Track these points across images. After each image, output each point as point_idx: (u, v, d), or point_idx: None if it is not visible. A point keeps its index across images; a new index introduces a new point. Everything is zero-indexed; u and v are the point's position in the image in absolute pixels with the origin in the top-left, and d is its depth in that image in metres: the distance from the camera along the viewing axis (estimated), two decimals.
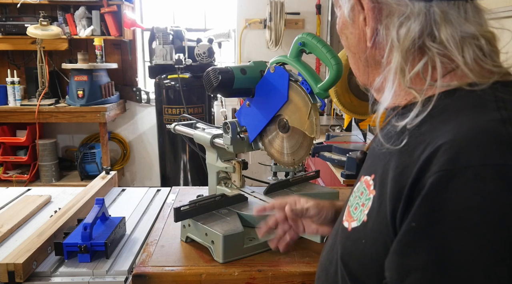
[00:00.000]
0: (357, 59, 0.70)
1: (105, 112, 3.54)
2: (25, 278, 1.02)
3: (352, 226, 0.63)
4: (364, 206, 0.61)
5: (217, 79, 1.12)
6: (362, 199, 0.62)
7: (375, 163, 0.64)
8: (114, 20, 3.70)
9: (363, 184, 0.64)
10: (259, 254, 1.10)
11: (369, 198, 0.60)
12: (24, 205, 1.46)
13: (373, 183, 0.61)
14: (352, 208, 0.65)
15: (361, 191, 0.64)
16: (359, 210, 0.62)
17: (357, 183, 0.68)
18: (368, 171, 0.66)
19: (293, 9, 3.89)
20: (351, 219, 0.64)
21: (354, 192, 0.67)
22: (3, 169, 3.72)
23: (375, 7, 0.62)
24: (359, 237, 0.60)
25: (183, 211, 1.11)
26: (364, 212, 0.60)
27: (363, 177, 0.65)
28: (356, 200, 0.65)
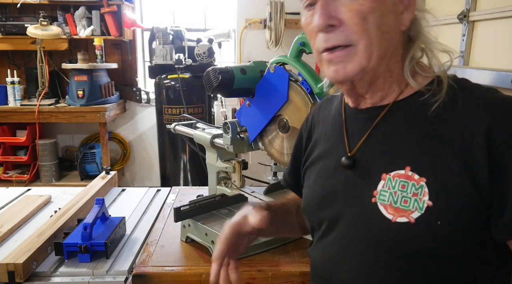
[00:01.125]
0: (386, 39, 0.68)
1: (105, 112, 3.54)
2: (25, 278, 1.02)
3: (414, 217, 0.64)
4: (418, 195, 0.65)
5: (217, 79, 1.12)
6: (409, 190, 0.66)
7: (397, 157, 0.68)
8: (114, 20, 3.69)
9: (398, 179, 0.67)
10: (259, 254, 1.10)
11: (421, 185, 0.65)
12: (24, 205, 1.46)
13: (415, 172, 0.66)
14: (398, 204, 0.66)
15: (400, 185, 0.67)
16: (412, 200, 0.65)
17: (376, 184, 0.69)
18: (391, 167, 0.68)
19: (293, 9, 3.89)
20: (406, 212, 0.65)
21: (382, 191, 0.68)
22: (3, 169, 3.72)
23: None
24: (429, 221, 0.63)
25: (183, 211, 1.11)
26: (423, 199, 0.64)
27: (389, 174, 0.68)
28: (398, 195, 0.67)
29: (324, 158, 0.83)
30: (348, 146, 0.76)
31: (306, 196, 0.86)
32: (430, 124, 0.67)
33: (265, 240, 1.12)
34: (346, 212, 0.74)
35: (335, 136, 0.81)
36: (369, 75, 0.70)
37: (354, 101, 0.78)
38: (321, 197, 0.80)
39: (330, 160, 0.80)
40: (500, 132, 0.61)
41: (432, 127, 0.67)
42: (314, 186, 0.83)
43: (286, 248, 1.14)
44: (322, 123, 0.88)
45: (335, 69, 0.69)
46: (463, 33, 1.71)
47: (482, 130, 0.61)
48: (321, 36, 0.69)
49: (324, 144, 0.84)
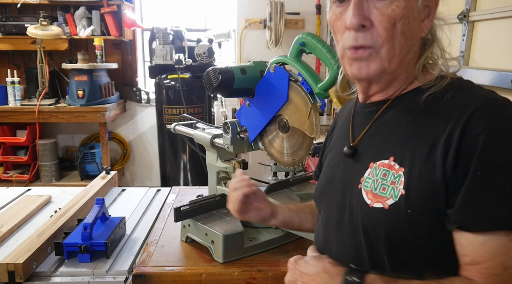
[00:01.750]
0: (408, 45, 0.71)
1: (105, 112, 3.54)
2: (25, 278, 1.02)
3: (388, 204, 0.69)
4: (395, 184, 0.69)
5: (217, 79, 1.12)
6: (388, 179, 0.70)
7: (384, 148, 0.73)
8: (114, 20, 3.70)
9: (382, 168, 0.72)
10: (259, 254, 1.10)
11: (399, 175, 0.69)
12: (24, 205, 1.46)
13: (395, 163, 0.70)
14: (377, 190, 0.71)
15: (382, 174, 0.71)
16: (390, 188, 0.69)
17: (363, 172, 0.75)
18: (378, 156, 0.73)
19: (293, 9, 3.89)
20: (382, 199, 0.70)
21: (367, 178, 0.74)
22: (3, 169, 3.72)
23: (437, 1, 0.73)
24: (400, 209, 0.67)
25: (183, 211, 1.11)
26: (399, 188, 0.68)
27: (375, 163, 0.73)
28: (378, 182, 0.71)
29: (333, 149, 0.89)
30: (352, 137, 0.81)
31: (316, 185, 0.93)
32: (419, 117, 0.71)
33: (265, 240, 1.12)
34: (338, 198, 0.79)
35: (344, 129, 0.87)
36: (388, 76, 0.74)
37: (364, 98, 0.82)
38: (324, 185, 0.86)
39: (336, 151, 0.86)
40: (474, 128, 0.63)
41: (420, 120, 0.70)
42: (322, 175, 0.90)
43: (286, 248, 1.14)
44: (339, 120, 0.94)
45: (359, 67, 0.73)
46: (463, 33, 1.71)
47: (460, 124, 0.64)
48: (350, 34, 0.71)
49: (336, 137, 0.91)
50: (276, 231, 1.15)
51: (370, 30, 0.70)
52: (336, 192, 0.81)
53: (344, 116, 0.92)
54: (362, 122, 0.81)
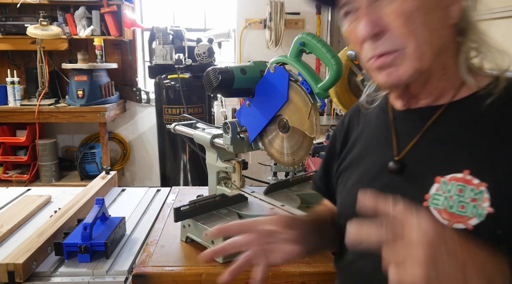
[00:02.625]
0: (437, 36, 0.64)
1: (105, 112, 3.54)
2: (25, 278, 1.02)
3: (472, 224, 0.60)
4: (477, 201, 0.60)
5: (217, 79, 1.12)
6: (467, 195, 0.61)
7: (453, 159, 0.64)
8: (114, 20, 3.70)
9: (455, 183, 0.62)
10: None
11: (481, 191, 0.60)
12: (24, 205, 1.46)
13: (473, 176, 0.61)
14: (454, 209, 0.62)
15: (458, 189, 0.62)
16: (471, 206, 0.61)
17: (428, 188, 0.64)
18: (447, 169, 0.63)
19: (293, 9, 3.89)
20: (463, 218, 0.61)
21: (436, 195, 0.63)
22: (3, 169, 3.72)
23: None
24: (488, 230, 0.59)
25: (183, 211, 1.11)
26: (483, 205, 0.59)
27: (444, 177, 0.63)
28: (454, 199, 0.62)
29: (365, 161, 0.77)
30: (397, 149, 0.71)
31: (342, 201, 0.81)
32: (489, 126, 0.63)
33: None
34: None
35: (379, 137, 0.76)
36: (424, 75, 0.66)
37: (405, 103, 0.73)
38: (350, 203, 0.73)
39: (373, 163, 0.75)
40: None
41: (492, 129, 0.63)
42: (353, 190, 0.77)
43: None
44: (363, 124, 0.83)
45: (387, 73, 0.65)
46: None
47: None
48: (367, 45, 0.65)
49: (365, 146, 0.79)
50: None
51: (387, 35, 0.63)
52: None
53: (371, 122, 0.80)
54: (410, 131, 0.70)
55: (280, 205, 1.20)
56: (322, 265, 1.06)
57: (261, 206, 1.22)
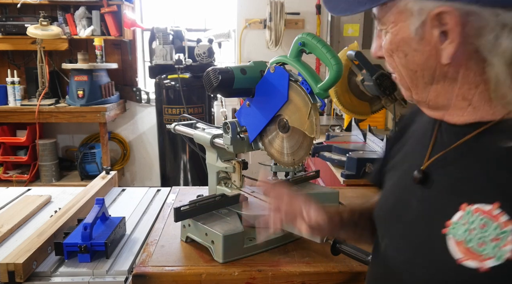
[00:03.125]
0: (418, 76, 0.63)
1: (105, 112, 3.54)
2: (25, 278, 1.02)
3: (487, 266, 0.54)
4: (500, 240, 0.54)
5: (217, 79, 1.12)
6: (490, 232, 0.55)
7: (484, 187, 0.58)
8: (114, 20, 3.70)
9: (480, 215, 0.56)
10: (259, 254, 1.10)
11: (506, 231, 0.54)
12: (24, 205, 1.46)
13: (502, 212, 0.54)
14: (472, 244, 0.56)
15: (482, 223, 0.56)
16: (491, 245, 0.54)
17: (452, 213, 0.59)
18: (476, 198, 0.57)
19: (293, 9, 3.89)
20: (479, 257, 0.55)
21: (458, 224, 0.58)
22: (3, 169, 3.72)
23: (463, 21, 0.55)
24: (506, 277, 0.54)
25: (183, 211, 1.11)
26: (504, 248, 0.53)
27: (470, 206, 0.57)
28: (475, 233, 0.56)
29: (403, 166, 0.76)
30: (428, 159, 0.67)
31: (379, 201, 0.80)
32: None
33: (265, 240, 1.12)
34: (410, 234, 0.66)
35: (421, 144, 0.73)
36: (425, 103, 0.66)
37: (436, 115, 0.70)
38: (392, 208, 0.73)
39: (406, 169, 0.73)
40: None
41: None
42: (388, 193, 0.77)
43: (286, 248, 1.14)
44: (418, 123, 0.80)
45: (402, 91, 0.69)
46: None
47: None
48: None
49: (409, 149, 0.78)
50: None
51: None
52: (406, 224, 0.67)
53: (421, 124, 0.77)
54: (446, 143, 0.66)
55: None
56: (322, 265, 1.06)
57: (261, 206, 1.22)
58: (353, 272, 1.04)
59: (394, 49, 0.63)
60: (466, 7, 0.54)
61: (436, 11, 0.56)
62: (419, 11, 0.57)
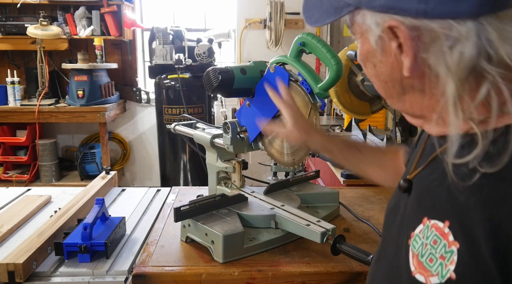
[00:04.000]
0: (389, 87, 0.63)
1: (105, 112, 3.54)
2: (25, 278, 1.02)
3: (432, 282, 0.54)
4: (445, 260, 0.53)
5: (217, 79, 1.12)
6: (438, 250, 0.55)
7: (442, 204, 0.57)
8: (114, 20, 3.70)
9: (434, 231, 0.56)
10: (259, 254, 1.10)
11: (451, 250, 0.53)
12: (24, 205, 1.46)
13: (450, 231, 0.54)
14: (424, 258, 0.57)
15: (433, 240, 0.56)
16: (438, 263, 0.54)
17: (416, 225, 0.59)
18: (434, 213, 0.57)
19: (293, 9, 3.89)
20: (427, 273, 0.55)
21: (418, 236, 0.59)
22: (3, 169, 3.72)
23: (413, 35, 0.54)
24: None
25: (183, 211, 1.11)
26: (448, 267, 0.53)
27: (429, 221, 0.57)
28: (427, 249, 0.56)
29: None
30: (414, 168, 0.67)
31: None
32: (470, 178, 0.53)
33: (265, 240, 1.12)
34: (393, 239, 0.67)
35: (416, 152, 0.73)
36: (403, 112, 0.66)
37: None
38: (389, 211, 0.74)
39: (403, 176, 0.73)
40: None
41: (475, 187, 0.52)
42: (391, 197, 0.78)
43: (286, 248, 1.14)
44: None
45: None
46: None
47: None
48: None
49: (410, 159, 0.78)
50: (276, 231, 1.15)
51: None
52: (394, 229, 0.68)
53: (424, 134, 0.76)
54: (427, 154, 0.66)
55: (280, 205, 1.20)
56: (322, 265, 1.06)
57: (261, 206, 1.22)
58: (353, 272, 1.03)
59: (364, 60, 0.63)
60: (414, 21, 0.52)
61: (387, 25, 0.55)
62: (376, 24, 0.57)
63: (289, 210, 1.17)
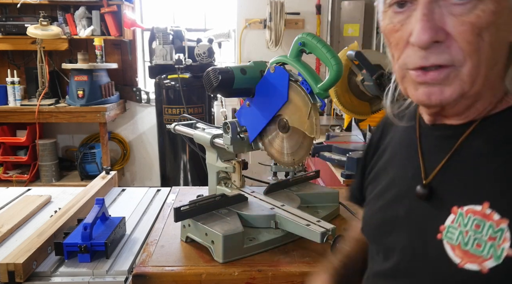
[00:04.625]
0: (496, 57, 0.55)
1: (105, 112, 3.54)
2: (25, 278, 1.02)
3: (487, 267, 0.53)
4: (496, 240, 0.53)
5: (217, 79, 1.12)
6: (485, 233, 0.54)
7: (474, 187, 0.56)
8: (114, 20, 3.70)
9: (472, 216, 0.55)
10: (259, 254, 1.10)
11: (501, 229, 0.53)
12: (24, 205, 1.46)
13: (495, 210, 0.53)
14: (469, 246, 0.55)
15: (474, 224, 0.55)
16: (488, 245, 0.53)
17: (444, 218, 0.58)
18: (464, 198, 0.56)
19: (293, 9, 3.89)
20: (478, 259, 0.54)
21: (451, 227, 0.57)
22: (3, 169, 3.72)
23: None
24: (507, 275, 0.52)
25: (183, 211, 1.11)
26: (502, 246, 0.52)
27: (461, 208, 0.56)
28: (469, 235, 0.55)
29: (389, 177, 0.72)
30: (424, 171, 0.63)
31: (365, 215, 0.77)
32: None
33: (265, 240, 1.12)
34: (405, 245, 0.63)
35: (404, 154, 0.69)
36: (469, 100, 0.57)
37: (432, 119, 0.65)
38: (381, 221, 0.70)
39: (397, 182, 0.69)
40: None
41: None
42: (374, 205, 0.74)
43: (286, 248, 1.14)
44: (394, 132, 0.76)
45: (428, 93, 0.56)
46: None
47: None
48: (416, 51, 0.55)
49: (390, 160, 0.74)
50: (276, 231, 1.15)
51: (446, 44, 0.53)
52: (400, 235, 0.64)
53: (398, 133, 0.73)
54: (436, 150, 0.63)
55: (280, 205, 1.20)
56: (322, 265, 1.06)
57: (261, 206, 1.22)
58: None
59: (493, 22, 0.52)
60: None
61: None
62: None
63: (289, 210, 1.17)
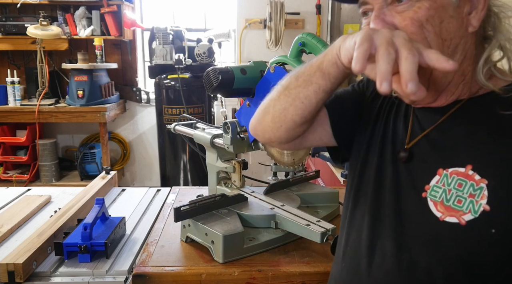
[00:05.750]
0: (445, 47, 0.64)
1: (105, 112, 3.54)
2: (25, 278, 1.02)
3: (466, 219, 0.61)
4: (475, 197, 0.61)
5: (217, 79, 1.12)
6: (466, 191, 0.62)
7: (457, 152, 0.65)
8: (114, 20, 3.69)
9: (456, 177, 0.63)
10: (259, 254, 1.10)
11: (481, 187, 0.60)
12: (24, 205, 1.46)
13: (475, 172, 0.61)
14: (451, 202, 0.63)
15: (458, 183, 0.63)
16: (467, 201, 0.61)
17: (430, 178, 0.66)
18: (449, 162, 0.65)
19: (293, 9, 3.89)
20: (458, 213, 0.62)
21: (436, 187, 0.65)
22: (3, 169, 3.71)
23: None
24: (481, 227, 0.60)
25: (183, 211, 1.11)
26: (480, 202, 0.60)
27: (446, 170, 0.65)
28: (452, 193, 0.63)
29: (374, 140, 0.78)
30: (409, 138, 0.72)
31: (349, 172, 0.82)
32: (500, 123, 0.63)
33: (265, 240, 1.12)
34: (391, 203, 0.71)
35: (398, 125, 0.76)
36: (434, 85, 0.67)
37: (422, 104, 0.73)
38: (366, 181, 0.76)
39: (382, 146, 0.76)
40: None
41: (502, 127, 0.63)
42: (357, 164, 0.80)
43: (286, 248, 1.14)
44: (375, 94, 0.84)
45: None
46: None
47: None
48: None
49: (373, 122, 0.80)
50: (276, 231, 1.15)
51: None
52: (385, 195, 0.72)
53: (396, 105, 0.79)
54: (426, 123, 0.71)
55: (280, 205, 1.20)
56: (322, 265, 1.06)
57: (261, 206, 1.22)
58: None
59: (431, 16, 0.62)
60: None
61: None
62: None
63: (289, 210, 1.17)
